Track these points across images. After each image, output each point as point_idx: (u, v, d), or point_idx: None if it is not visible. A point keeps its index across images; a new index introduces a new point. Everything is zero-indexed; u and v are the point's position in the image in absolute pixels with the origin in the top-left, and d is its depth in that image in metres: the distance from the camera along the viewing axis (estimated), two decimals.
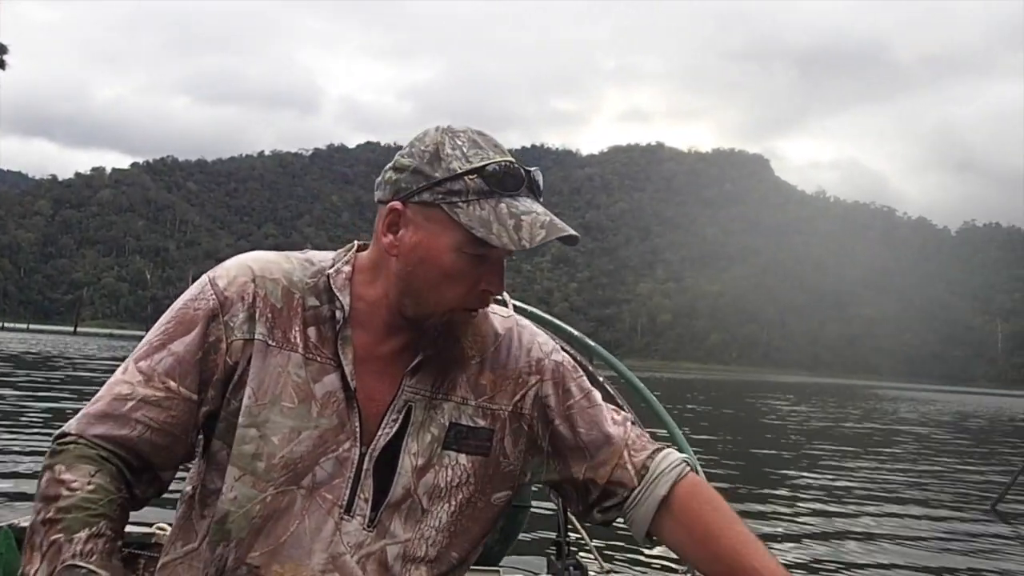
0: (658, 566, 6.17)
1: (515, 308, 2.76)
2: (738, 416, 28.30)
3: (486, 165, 1.28)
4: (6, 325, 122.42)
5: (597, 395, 1.47)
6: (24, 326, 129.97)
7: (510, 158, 1.31)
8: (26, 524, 1.25)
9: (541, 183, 1.34)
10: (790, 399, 46.03)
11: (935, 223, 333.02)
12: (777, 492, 11.05)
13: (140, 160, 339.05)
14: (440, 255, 1.29)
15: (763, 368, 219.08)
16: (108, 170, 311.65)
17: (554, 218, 1.29)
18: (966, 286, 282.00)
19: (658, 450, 1.44)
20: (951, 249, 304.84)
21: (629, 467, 1.41)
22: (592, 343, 3.09)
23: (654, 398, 2.95)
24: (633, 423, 1.49)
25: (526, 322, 1.52)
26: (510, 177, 1.29)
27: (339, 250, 1.42)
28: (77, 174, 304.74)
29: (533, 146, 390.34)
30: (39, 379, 21.83)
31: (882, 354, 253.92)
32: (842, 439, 21.32)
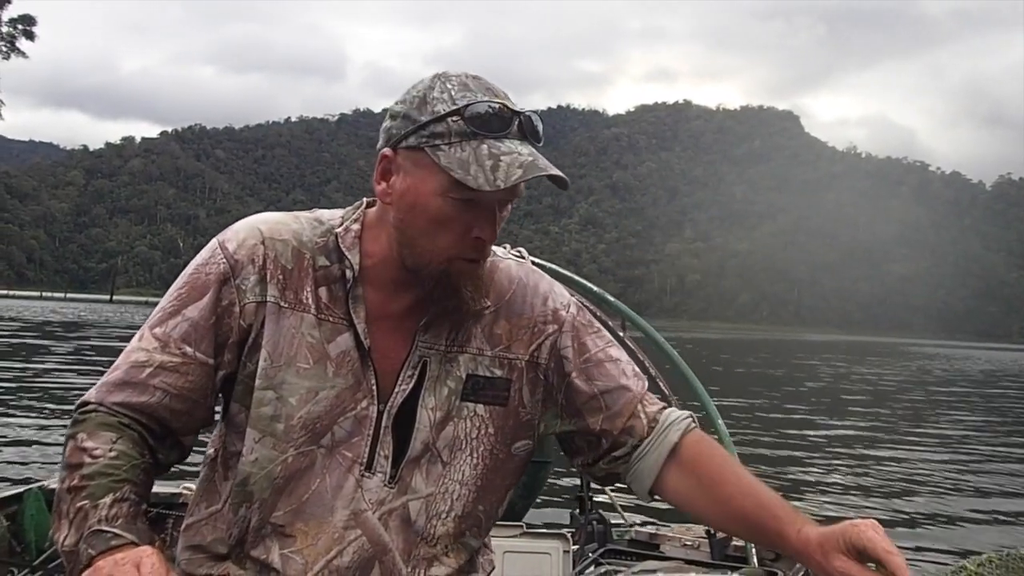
0: (680, 521, 6.47)
1: (540, 267, 2.73)
2: (770, 375, 28.44)
3: (469, 105, 1.25)
4: (44, 294, 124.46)
5: (615, 349, 1.46)
6: (61, 295, 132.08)
7: (501, 100, 1.27)
8: (56, 486, 1.25)
9: (539, 128, 1.29)
10: (826, 358, 45.99)
11: (970, 178, 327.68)
12: (813, 454, 11.28)
13: (169, 129, 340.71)
14: (428, 200, 1.27)
15: (794, 327, 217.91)
16: (138, 139, 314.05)
17: (539, 158, 1.26)
18: (1001, 241, 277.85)
19: (666, 406, 1.45)
20: (986, 203, 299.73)
21: (642, 416, 1.41)
22: (612, 298, 3.09)
23: (679, 357, 2.94)
24: (649, 382, 1.48)
25: (542, 272, 1.51)
26: (495, 118, 1.25)
27: (348, 208, 1.41)
28: (107, 144, 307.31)
29: (559, 107, 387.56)
30: (81, 346, 22.41)
31: (915, 311, 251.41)
32: (878, 394, 21.45)
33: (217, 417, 1.39)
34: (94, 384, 1.32)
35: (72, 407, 1.31)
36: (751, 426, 12.57)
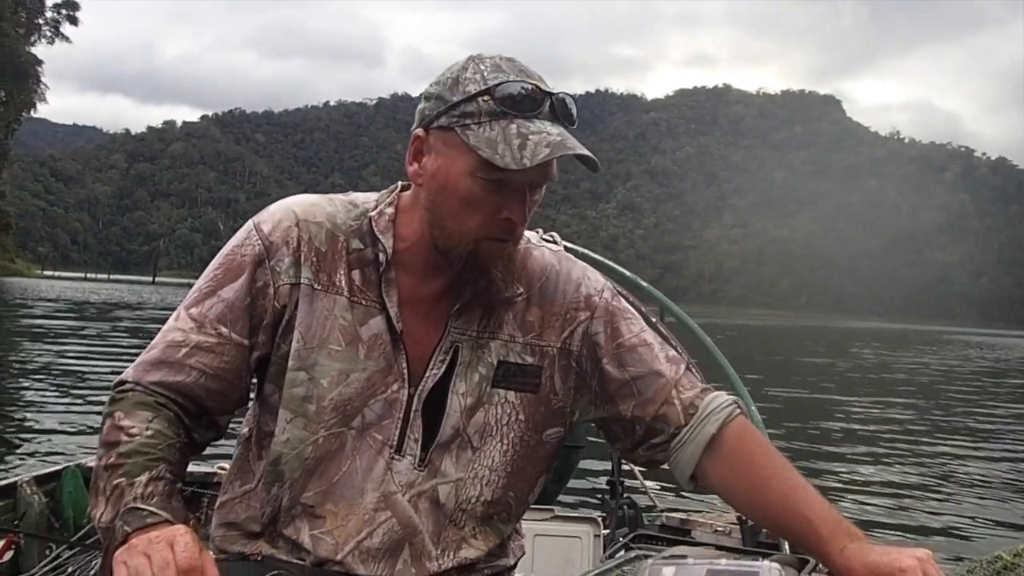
0: (713, 506, 6.43)
1: (573, 253, 2.77)
2: (809, 363, 28.22)
3: (499, 84, 1.26)
4: (88, 276, 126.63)
5: (649, 335, 1.44)
6: (105, 276, 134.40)
7: (534, 82, 1.27)
8: (94, 464, 1.27)
9: (572, 109, 1.29)
10: (870, 346, 45.52)
11: (1016, 163, 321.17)
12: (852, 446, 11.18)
13: (209, 113, 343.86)
14: (457, 180, 1.27)
15: (834, 314, 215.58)
16: (179, 123, 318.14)
17: (569, 139, 1.25)
18: None
19: (707, 390, 1.41)
20: None
21: (677, 403, 1.38)
22: (645, 283, 3.04)
23: (711, 343, 2.94)
24: (689, 366, 1.45)
25: (575, 258, 1.49)
26: (526, 99, 1.25)
27: (383, 191, 1.41)
28: (149, 128, 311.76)
29: (597, 91, 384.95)
30: (121, 327, 22.76)
31: (958, 299, 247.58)
32: (922, 387, 21.20)
33: (251, 397, 1.40)
34: (131, 364, 1.33)
35: (110, 387, 1.31)
36: (787, 414, 12.48)
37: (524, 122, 1.24)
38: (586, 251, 2.82)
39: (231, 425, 1.39)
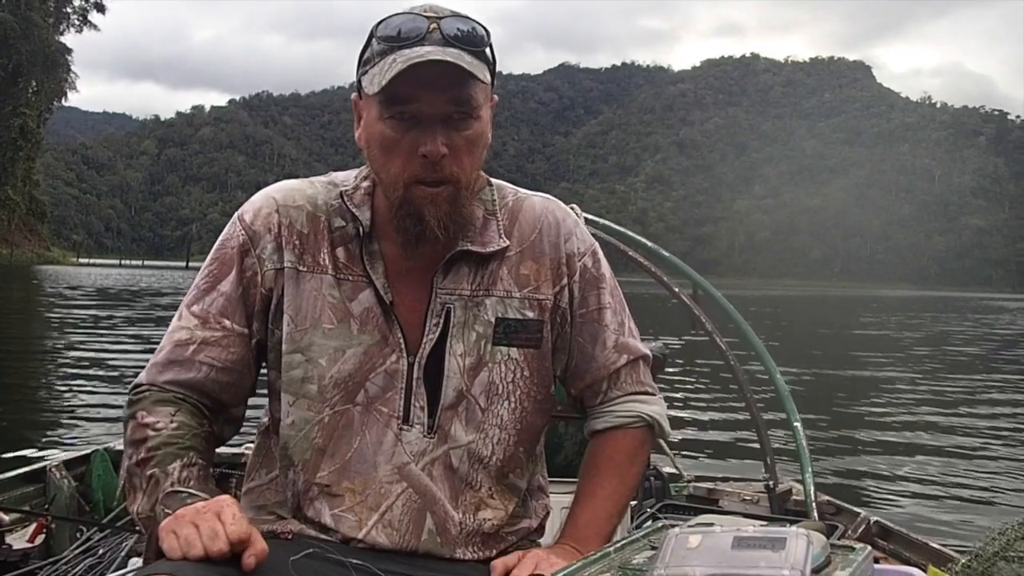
0: (738, 476, 6.52)
1: (597, 225, 2.70)
2: (842, 334, 28.09)
3: (380, 22, 1.26)
4: (123, 262, 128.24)
5: (608, 314, 1.45)
6: (139, 263, 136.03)
7: (417, 12, 1.26)
8: (122, 450, 1.30)
9: (462, 30, 1.25)
10: (902, 313, 45.16)
11: None
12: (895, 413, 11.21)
13: (237, 97, 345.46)
14: (373, 128, 1.28)
15: (867, 283, 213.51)
16: (207, 108, 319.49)
17: (439, 53, 1.22)
18: None
19: (632, 395, 1.47)
20: None
21: (599, 393, 1.47)
22: (666, 253, 3.04)
23: (735, 311, 2.91)
24: (641, 360, 1.49)
25: (566, 209, 1.48)
26: (406, 28, 1.24)
27: (363, 166, 1.41)
28: (178, 113, 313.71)
29: (623, 64, 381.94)
30: (151, 315, 23.12)
31: (994, 265, 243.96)
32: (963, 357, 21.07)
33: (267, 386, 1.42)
34: (143, 368, 1.36)
35: (133, 375, 1.34)
36: (820, 384, 12.52)
37: (405, 51, 1.22)
38: (610, 223, 2.82)
39: (254, 416, 1.40)
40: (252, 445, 1.39)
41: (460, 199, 1.30)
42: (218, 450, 1.36)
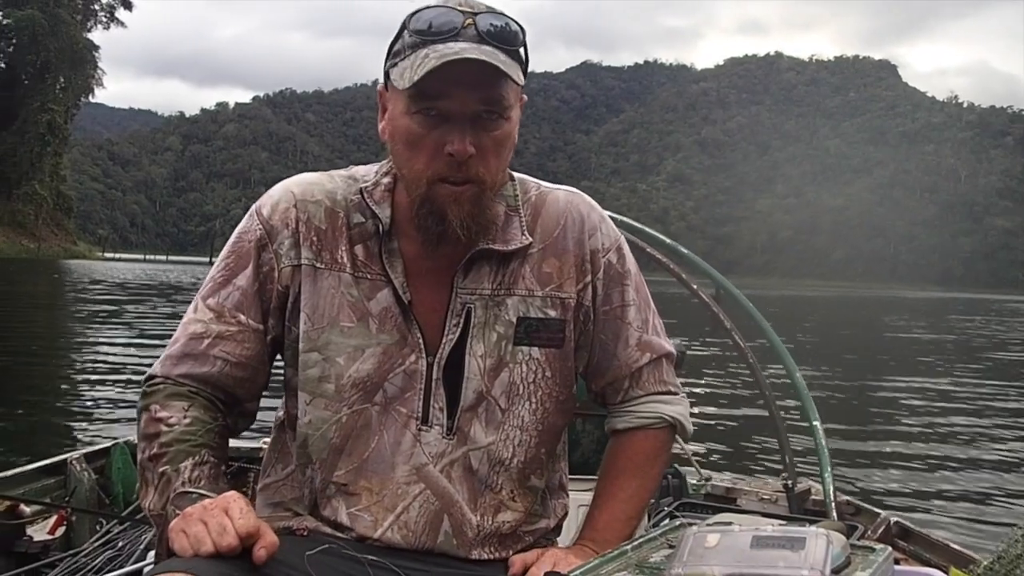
0: (758, 472, 6.48)
1: (618, 223, 2.63)
2: (863, 334, 27.90)
3: (414, 14, 1.22)
4: (147, 257, 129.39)
5: (631, 311, 1.42)
6: (163, 258, 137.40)
7: (452, 6, 1.22)
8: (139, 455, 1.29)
9: (495, 26, 1.22)
10: (923, 316, 44.81)
11: None
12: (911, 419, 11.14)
13: (260, 94, 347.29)
14: (399, 122, 1.25)
15: (890, 283, 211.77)
16: (231, 105, 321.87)
17: (473, 48, 1.18)
18: None
19: (654, 395, 1.45)
20: None
21: (620, 391, 1.45)
22: (685, 250, 3.01)
23: (753, 308, 2.89)
24: (665, 358, 1.46)
25: (591, 203, 1.44)
26: (440, 22, 1.20)
27: (383, 161, 1.37)
28: (203, 110, 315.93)
29: (646, 62, 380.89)
30: (171, 311, 23.33)
31: (1020, 266, 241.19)
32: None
33: (282, 381, 1.40)
34: (158, 359, 1.35)
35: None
36: (840, 385, 12.45)
37: (439, 46, 1.19)
38: (632, 221, 2.79)
39: (270, 407, 1.40)
40: (268, 440, 1.37)
41: (484, 200, 1.27)
42: (236, 444, 1.26)
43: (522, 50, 1.25)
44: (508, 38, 1.22)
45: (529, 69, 1.23)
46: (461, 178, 1.23)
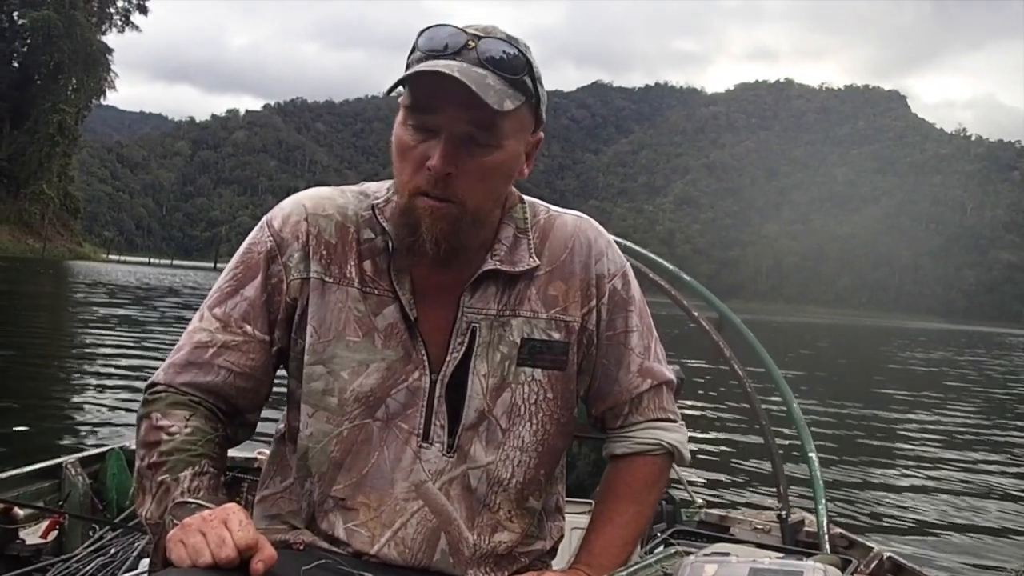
0: (754, 501, 6.46)
1: (621, 248, 2.68)
2: (862, 362, 27.82)
3: (422, 32, 1.25)
4: (152, 261, 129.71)
5: (634, 337, 1.44)
6: (168, 262, 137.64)
7: (459, 27, 1.25)
8: (136, 463, 1.28)
9: (494, 52, 1.23)
10: (925, 346, 44.72)
11: None
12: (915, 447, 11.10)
13: (272, 102, 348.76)
14: (396, 132, 1.27)
15: (894, 313, 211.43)
16: (242, 112, 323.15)
17: (459, 70, 1.19)
18: None
19: (654, 422, 1.46)
20: None
21: (619, 416, 1.46)
22: (687, 277, 3.02)
23: (748, 332, 2.90)
24: (665, 385, 1.48)
25: (599, 229, 1.46)
26: (442, 40, 1.23)
27: (394, 179, 1.36)
28: (213, 116, 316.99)
29: (656, 84, 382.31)
30: (172, 314, 23.31)
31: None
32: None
33: (285, 393, 1.40)
34: (160, 366, 1.34)
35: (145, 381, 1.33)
36: (837, 415, 12.42)
37: (433, 62, 1.21)
38: (634, 246, 2.79)
39: (268, 417, 1.39)
40: (265, 450, 1.32)
41: (463, 222, 1.27)
42: (230, 453, 1.34)
43: (528, 81, 1.25)
44: (507, 66, 1.23)
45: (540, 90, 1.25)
46: (440, 195, 1.24)
